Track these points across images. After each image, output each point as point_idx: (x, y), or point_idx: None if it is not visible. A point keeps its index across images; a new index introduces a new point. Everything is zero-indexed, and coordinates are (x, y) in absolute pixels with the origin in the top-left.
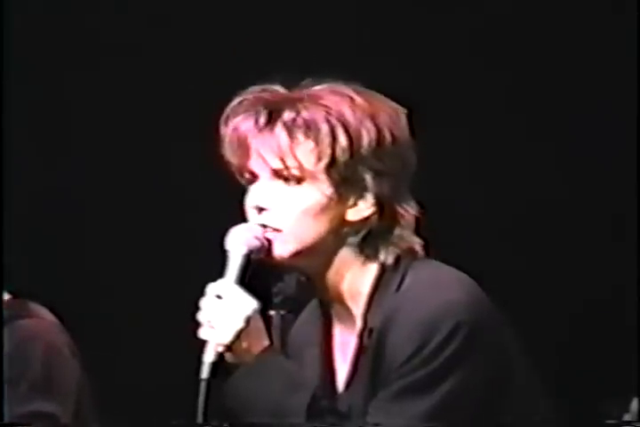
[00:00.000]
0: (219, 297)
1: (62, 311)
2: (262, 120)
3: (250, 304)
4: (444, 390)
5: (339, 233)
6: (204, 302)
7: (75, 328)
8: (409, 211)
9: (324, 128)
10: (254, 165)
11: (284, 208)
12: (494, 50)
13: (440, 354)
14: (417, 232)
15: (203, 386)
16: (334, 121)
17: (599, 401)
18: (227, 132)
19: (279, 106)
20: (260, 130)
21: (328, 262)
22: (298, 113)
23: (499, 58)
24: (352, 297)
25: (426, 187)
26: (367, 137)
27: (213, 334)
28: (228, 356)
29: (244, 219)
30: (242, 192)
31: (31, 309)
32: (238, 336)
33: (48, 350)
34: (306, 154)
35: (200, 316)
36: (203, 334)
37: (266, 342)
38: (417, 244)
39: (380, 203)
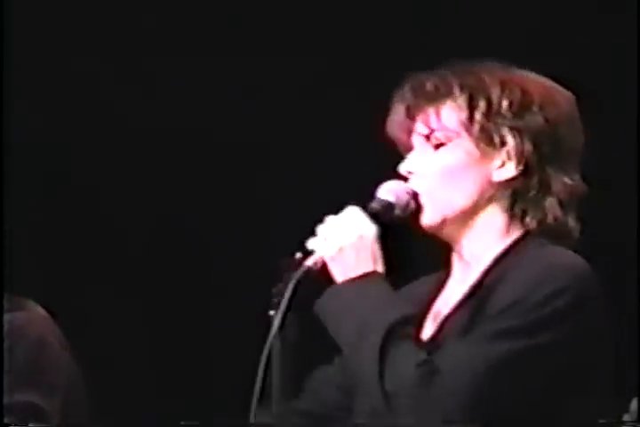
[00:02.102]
0: (343, 217)
1: (56, 307)
2: (410, 95)
3: (369, 227)
4: (523, 344)
5: (486, 195)
6: (328, 219)
7: (71, 324)
8: (566, 182)
9: (464, 89)
10: (410, 139)
11: (429, 170)
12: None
13: (539, 310)
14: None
15: (291, 283)
16: (474, 83)
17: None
18: (390, 112)
19: (424, 81)
20: (409, 104)
21: (472, 225)
22: (442, 81)
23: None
24: (481, 259)
25: None
26: (509, 98)
27: (322, 244)
28: (332, 267)
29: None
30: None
31: (20, 302)
32: (344, 249)
33: (36, 342)
34: (447, 114)
35: (319, 230)
36: (312, 244)
37: (378, 267)
38: (567, 218)
39: (525, 164)
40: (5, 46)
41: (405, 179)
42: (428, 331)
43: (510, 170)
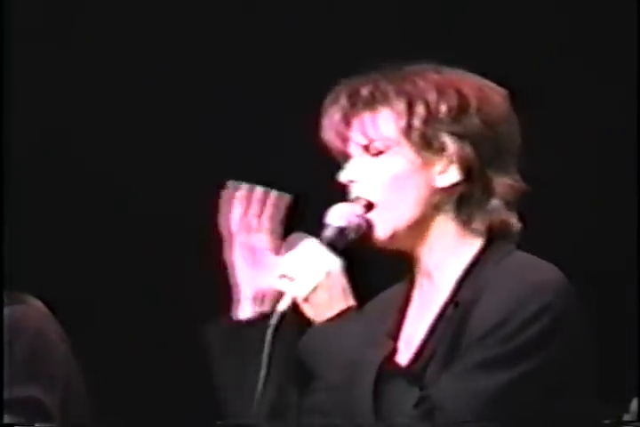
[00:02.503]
0: (304, 254)
1: (56, 303)
2: (345, 102)
3: (333, 261)
4: (518, 371)
5: (432, 202)
6: (287, 257)
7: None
8: (507, 182)
9: (400, 96)
10: (347, 146)
11: (371, 179)
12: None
13: (522, 333)
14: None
15: (270, 332)
16: (410, 88)
17: (599, 401)
18: (324, 119)
19: (359, 86)
20: (345, 111)
21: (426, 236)
22: (376, 87)
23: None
24: (444, 270)
25: None
26: (447, 103)
27: (291, 285)
28: (307, 309)
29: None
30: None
31: (18, 296)
32: (316, 290)
33: (34, 335)
34: (385, 123)
35: (281, 269)
36: (280, 285)
37: (350, 302)
38: (511, 218)
39: (468, 169)
40: (5, 46)
41: (346, 186)
42: (403, 356)
43: (453, 175)
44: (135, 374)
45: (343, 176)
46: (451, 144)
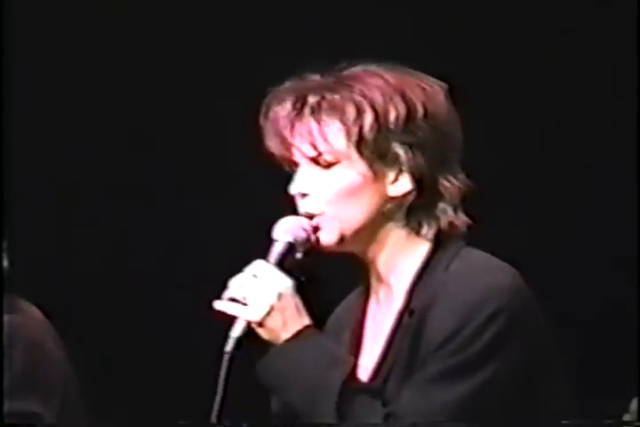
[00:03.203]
0: (253, 276)
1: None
2: (290, 109)
3: (284, 282)
4: (479, 378)
5: (382, 210)
6: (236, 280)
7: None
8: (454, 184)
9: (349, 107)
10: (292, 153)
11: (322, 192)
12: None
13: (478, 339)
14: (463, 207)
15: (225, 359)
16: (359, 98)
17: (599, 401)
18: (265, 124)
19: (305, 92)
20: (291, 119)
21: (375, 241)
22: (322, 97)
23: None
24: (397, 276)
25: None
26: (395, 112)
27: (244, 309)
28: (262, 333)
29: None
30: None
31: (14, 304)
32: (270, 313)
33: (31, 346)
34: (335, 135)
35: (231, 292)
36: (233, 310)
37: (305, 321)
38: (459, 219)
39: (419, 177)
40: (6, 46)
41: (293, 198)
42: (365, 370)
43: (405, 185)
44: (131, 378)
45: (294, 189)
46: (402, 154)
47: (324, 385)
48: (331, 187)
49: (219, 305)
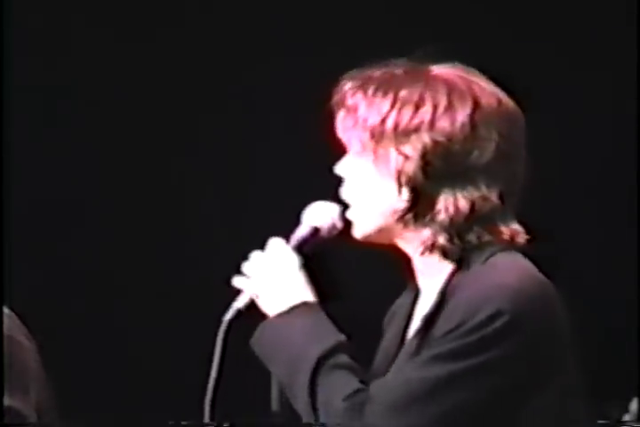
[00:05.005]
0: (264, 252)
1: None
2: (342, 97)
3: (291, 259)
4: (462, 365)
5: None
6: (251, 256)
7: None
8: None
9: (412, 103)
10: (349, 138)
11: (354, 179)
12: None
13: (472, 334)
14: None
15: (223, 327)
16: (392, 95)
17: (599, 401)
18: (333, 111)
19: (359, 82)
20: (347, 107)
21: (409, 238)
22: (375, 89)
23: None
24: (432, 275)
25: None
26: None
27: (248, 283)
28: (262, 304)
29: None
30: None
31: None
32: (269, 286)
33: (6, 341)
34: (366, 128)
35: (244, 267)
36: (238, 282)
37: (305, 297)
38: (507, 226)
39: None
40: (6, 46)
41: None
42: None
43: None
44: (103, 371)
45: (337, 169)
46: (400, 161)
47: (302, 358)
48: (361, 174)
49: (234, 281)
